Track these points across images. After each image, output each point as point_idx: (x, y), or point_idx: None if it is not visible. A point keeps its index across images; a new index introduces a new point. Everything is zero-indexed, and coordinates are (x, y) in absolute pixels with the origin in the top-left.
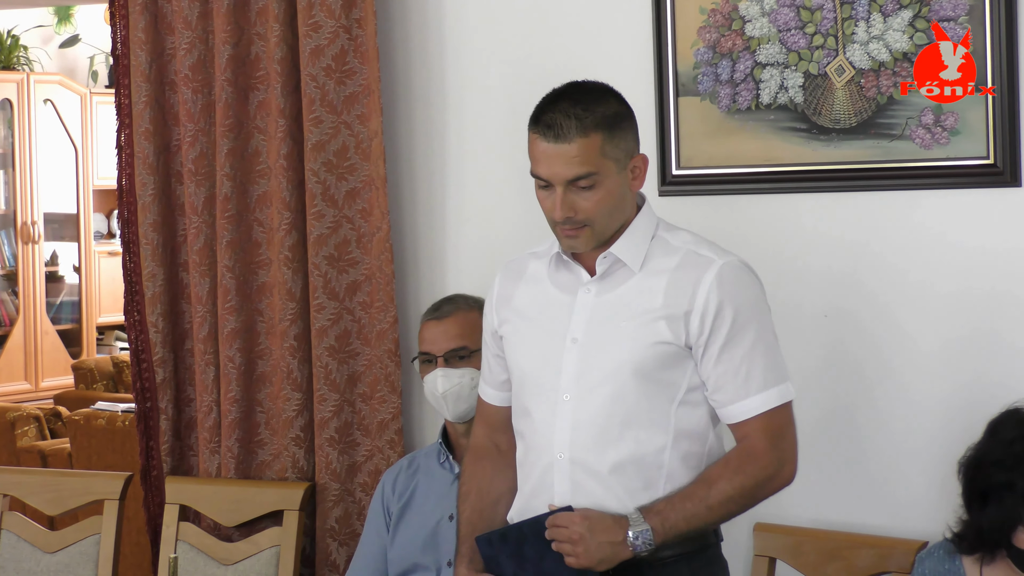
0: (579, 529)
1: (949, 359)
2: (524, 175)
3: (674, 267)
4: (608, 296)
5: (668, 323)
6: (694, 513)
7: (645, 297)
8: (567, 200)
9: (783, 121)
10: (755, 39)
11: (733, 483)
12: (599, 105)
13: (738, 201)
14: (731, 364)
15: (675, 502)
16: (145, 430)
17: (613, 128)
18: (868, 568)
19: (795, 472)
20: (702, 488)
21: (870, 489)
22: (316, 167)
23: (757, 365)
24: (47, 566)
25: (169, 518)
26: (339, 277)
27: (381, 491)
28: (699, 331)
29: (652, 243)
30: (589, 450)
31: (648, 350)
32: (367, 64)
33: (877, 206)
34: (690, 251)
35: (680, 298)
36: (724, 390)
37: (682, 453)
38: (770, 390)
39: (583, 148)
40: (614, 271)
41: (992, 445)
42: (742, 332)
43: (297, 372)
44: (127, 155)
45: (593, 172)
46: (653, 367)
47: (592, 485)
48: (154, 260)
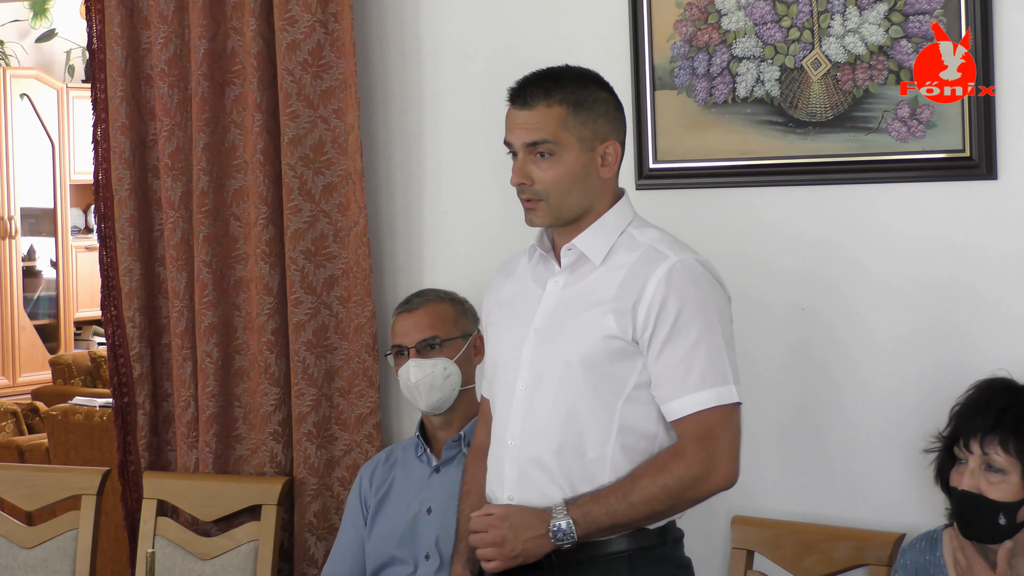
0: (501, 531)
1: (926, 352)
2: (501, 169)
3: (632, 262)
4: (573, 288)
5: (616, 316)
6: (615, 509)
7: (601, 290)
8: (524, 167)
9: (760, 115)
10: (731, 32)
11: (656, 482)
12: (574, 83)
13: (715, 194)
14: (671, 360)
15: (600, 496)
16: (123, 425)
17: (581, 105)
18: (845, 560)
19: (730, 477)
20: (627, 484)
21: (847, 482)
22: (293, 162)
23: (696, 364)
24: (24, 561)
25: (147, 513)
26: (316, 272)
27: (359, 485)
28: (644, 325)
29: (620, 238)
30: (535, 439)
31: (596, 343)
32: (344, 58)
33: (853, 199)
34: (650, 247)
35: (630, 292)
36: (663, 386)
37: (626, 449)
38: (706, 391)
39: (543, 115)
40: (580, 264)
41: None
42: (685, 329)
43: (275, 367)
44: (103, 150)
45: (549, 140)
46: (600, 360)
47: (537, 474)
48: (131, 255)
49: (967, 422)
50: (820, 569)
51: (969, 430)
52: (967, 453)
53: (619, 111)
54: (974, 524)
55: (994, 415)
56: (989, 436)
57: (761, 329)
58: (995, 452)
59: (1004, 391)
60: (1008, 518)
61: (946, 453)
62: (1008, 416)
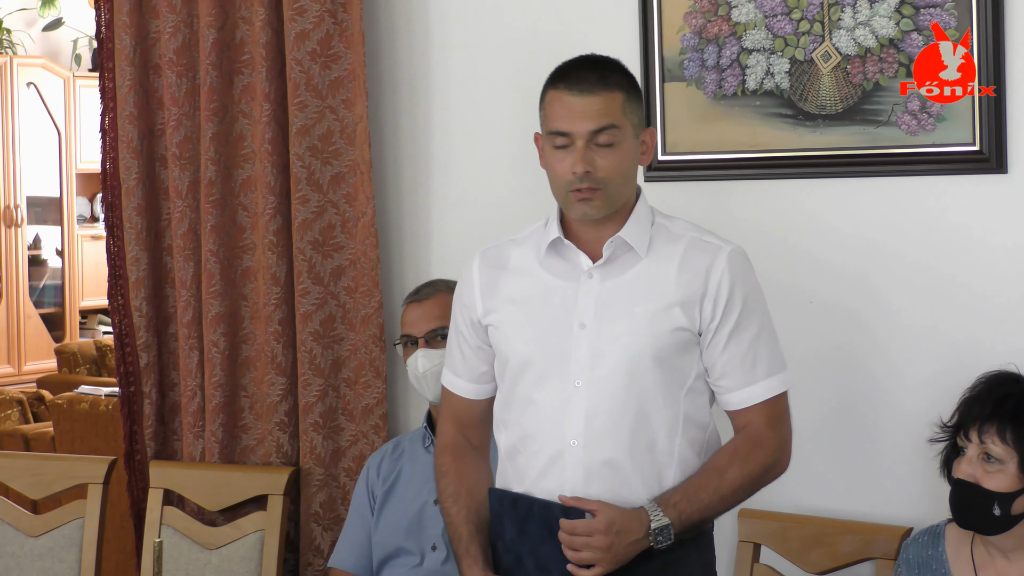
0: (608, 538)
1: (934, 346)
2: (509, 159)
3: (682, 253)
4: (615, 281)
5: (683, 309)
6: (708, 504)
7: (656, 282)
8: (587, 155)
9: (769, 107)
10: (741, 25)
11: (743, 471)
12: (618, 68)
13: (724, 187)
14: (738, 351)
15: (690, 493)
16: (129, 414)
17: (631, 91)
18: (852, 554)
19: (790, 458)
20: (715, 478)
21: (854, 475)
22: (301, 152)
23: (763, 352)
24: (31, 550)
25: (153, 502)
26: (324, 262)
27: (366, 475)
28: (711, 316)
29: (653, 229)
30: (604, 437)
31: (666, 337)
32: (352, 48)
33: (863, 192)
34: (694, 237)
35: (693, 283)
36: (730, 376)
37: (690, 440)
38: (774, 377)
39: (607, 101)
40: (619, 256)
41: None
42: (750, 319)
43: (281, 357)
44: (111, 139)
45: (615, 126)
46: (670, 353)
47: (606, 473)
48: (138, 244)
49: (968, 412)
50: (827, 562)
51: (969, 419)
52: (967, 442)
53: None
54: (969, 513)
55: (992, 404)
56: (987, 425)
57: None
58: (992, 441)
59: (1006, 382)
60: (1003, 509)
61: (952, 444)
62: (1007, 406)
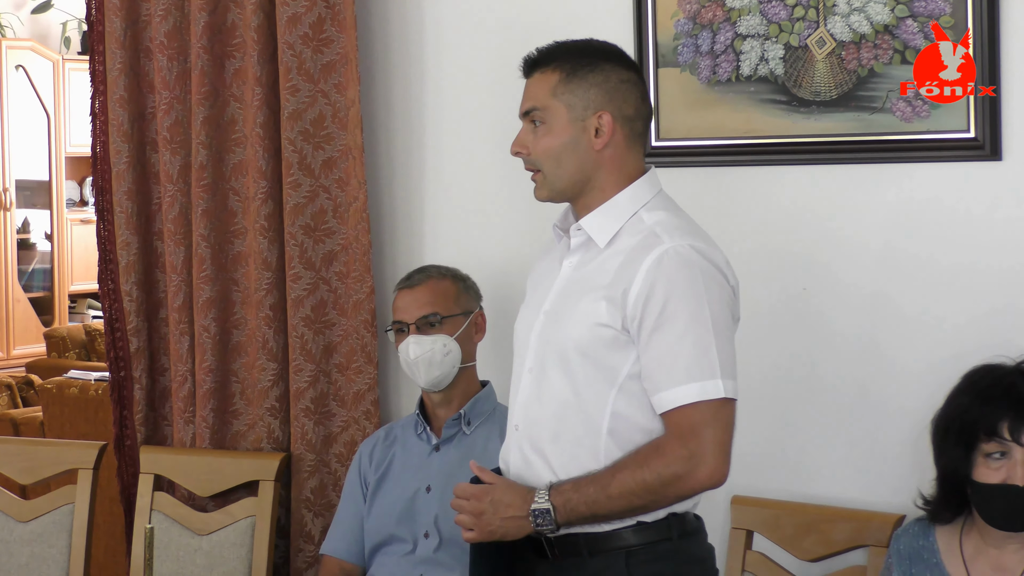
0: (481, 505)
1: (928, 332)
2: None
3: (631, 247)
4: (582, 270)
5: (608, 304)
6: (594, 499)
7: (600, 275)
8: (520, 136)
9: (763, 93)
10: (736, 10)
11: (635, 476)
12: (576, 52)
13: (718, 173)
14: (657, 352)
15: (580, 485)
16: (119, 399)
17: (574, 73)
18: (844, 541)
19: (715, 476)
20: (607, 476)
21: (847, 463)
22: (293, 136)
23: (682, 356)
24: (20, 535)
25: (143, 488)
26: (315, 247)
27: (358, 462)
28: (633, 314)
29: (630, 221)
30: (536, 425)
31: (588, 330)
32: (344, 32)
33: (857, 179)
34: (650, 232)
35: (623, 279)
36: (650, 378)
37: (620, 441)
38: (690, 384)
39: (537, 82)
40: (590, 246)
41: (948, 401)
42: (671, 320)
43: (273, 342)
44: (101, 122)
45: (537, 108)
46: (595, 349)
47: (536, 460)
48: (128, 228)
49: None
50: (820, 550)
51: (994, 419)
52: (1004, 445)
53: (627, 84)
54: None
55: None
56: None
57: (760, 309)
58: None
59: (1012, 373)
60: None
61: (963, 448)
62: None
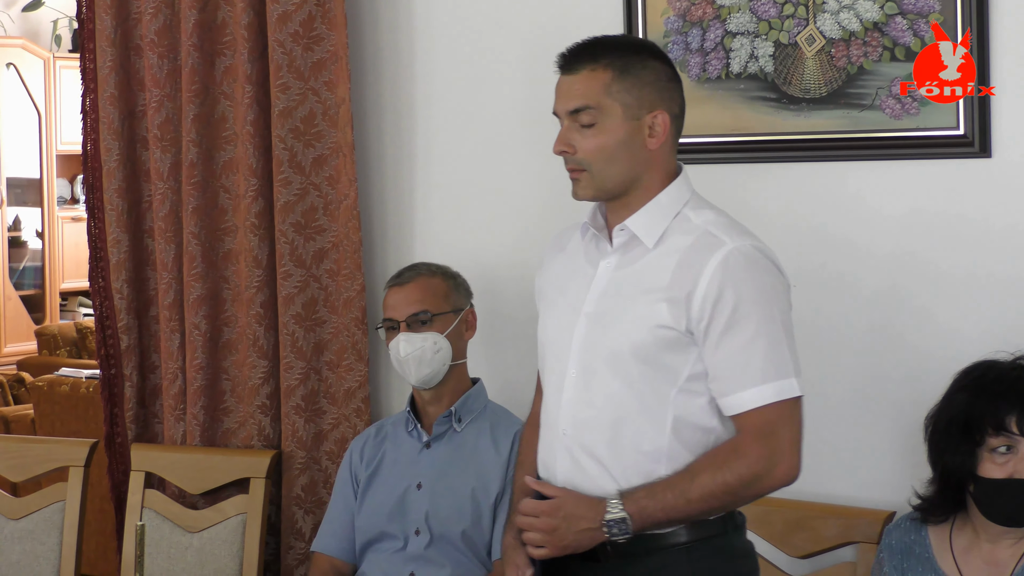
0: (554, 521)
1: (917, 329)
2: (493, 143)
3: (687, 247)
4: (626, 271)
5: (669, 305)
6: (673, 505)
7: (655, 276)
8: (566, 135)
9: (753, 90)
10: (725, 8)
11: (716, 478)
12: (622, 48)
13: (707, 170)
14: (729, 353)
15: (656, 491)
16: (110, 397)
17: (627, 71)
18: (834, 538)
19: (792, 473)
20: (685, 480)
21: (837, 459)
22: (283, 133)
23: (756, 357)
24: (11, 532)
25: (134, 485)
26: (306, 244)
27: (349, 459)
28: (699, 316)
29: (675, 220)
30: (589, 430)
31: (648, 332)
32: (335, 30)
33: (847, 176)
34: (706, 232)
35: (685, 280)
36: (721, 380)
37: (684, 441)
38: (767, 385)
39: (588, 80)
40: (633, 246)
41: (946, 398)
42: (743, 321)
43: (263, 339)
44: (92, 120)
45: (592, 107)
46: (652, 350)
47: (591, 465)
48: (119, 226)
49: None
50: (809, 546)
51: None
52: (1009, 439)
53: (673, 81)
54: None
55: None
56: None
57: None
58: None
59: (1016, 368)
60: None
61: (968, 444)
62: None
